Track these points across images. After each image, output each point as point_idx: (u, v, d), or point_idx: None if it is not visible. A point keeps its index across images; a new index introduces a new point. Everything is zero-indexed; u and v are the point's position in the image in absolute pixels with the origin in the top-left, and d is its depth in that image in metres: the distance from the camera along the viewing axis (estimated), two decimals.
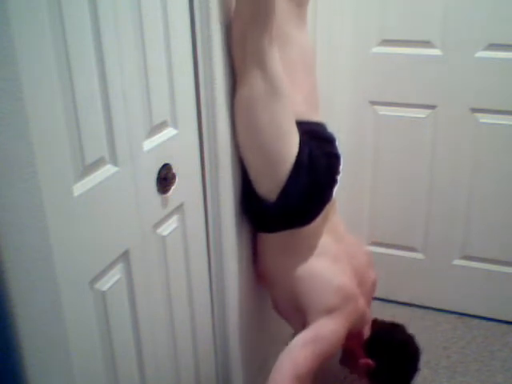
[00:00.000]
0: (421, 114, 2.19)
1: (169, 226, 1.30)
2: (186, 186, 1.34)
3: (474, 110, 2.11)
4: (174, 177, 1.27)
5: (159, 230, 1.27)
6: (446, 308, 2.39)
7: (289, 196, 1.46)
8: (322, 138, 1.57)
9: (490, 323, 2.32)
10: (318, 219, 1.55)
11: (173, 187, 1.28)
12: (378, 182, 2.35)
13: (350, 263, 1.65)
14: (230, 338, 1.63)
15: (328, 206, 1.58)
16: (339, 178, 1.58)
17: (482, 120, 2.11)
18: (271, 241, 1.60)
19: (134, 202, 1.15)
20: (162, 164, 1.23)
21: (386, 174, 2.32)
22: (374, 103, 2.25)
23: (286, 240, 1.57)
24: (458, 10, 2.00)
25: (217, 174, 1.44)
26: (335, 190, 1.58)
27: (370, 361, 1.69)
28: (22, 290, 0.86)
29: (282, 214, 1.50)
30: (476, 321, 2.34)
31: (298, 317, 1.59)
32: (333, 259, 1.60)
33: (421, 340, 1.78)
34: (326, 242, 1.60)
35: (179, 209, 1.34)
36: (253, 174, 1.50)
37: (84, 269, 1.02)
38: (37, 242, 0.88)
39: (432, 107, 2.16)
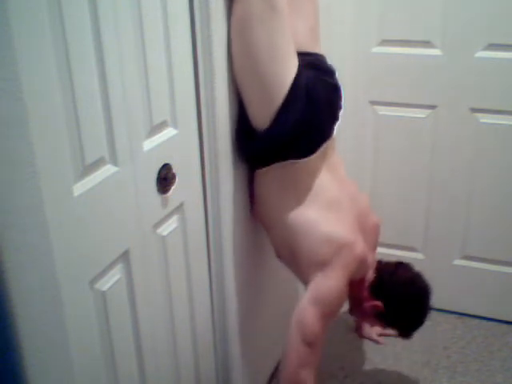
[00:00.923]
0: (421, 114, 2.19)
1: (169, 226, 1.30)
2: (185, 186, 1.34)
3: (474, 110, 2.11)
4: (173, 177, 1.27)
5: (159, 230, 1.27)
6: (446, 308, 2.39)
7: (282, 123, 1.40)
8: (321, 69, 1.52)
9: (490, 323, 2.32)
10: (316, 156, 1.48)
11: (173, 187, 1.28)
12: (377, 182, 2.35)
13: (352, 206, 1.59)
14: (229, 338, 1.63)
15: (327, 144, 1.51)
16: (340, 113, 1.52)
17: (482, 120, 2.11)
18: (267, 178, 1.54)
19: (134, 202, 1.15)
20: (162, 164, 1.23)
21: (385, 173, 2.32)
22: (373, 103, 2.25)
23: (282, 176, 1.50)
24: (457, 10, 2.00)
25: (217, 174, 1.44)
26: (336, 126, 1.52)
27: (377, 302, 1.64)
28: (22, 290, 0.86)
29: (276, 142, 1.43)
30: (476, 321, 2.34)
31: (296, 264, 1.57)
32: (328, 204, 1.52)
33: (421, 340, 1.78)
34: (324, 182, 1.53)
35: (179, 209, 1.34)
36: (247, 101, 1.44)
37: (84, 269, 1.02)
38: (37, 242, 0.88)
39: (432, 107, 2.16)
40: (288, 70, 1.39)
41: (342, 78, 2.22)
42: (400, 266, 1.73)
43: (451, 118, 2.14)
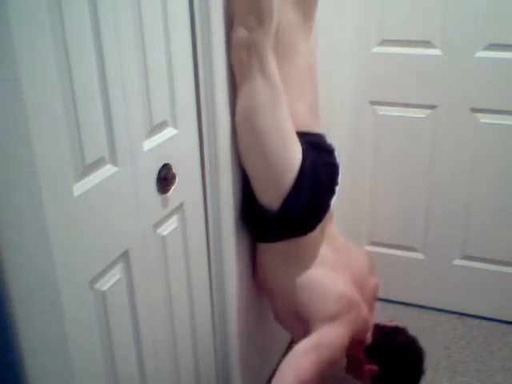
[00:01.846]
0: (421, 114, 2.19)
1: (169, 226, 1.30)
2: (185, 186, 1.34)
3: (474, 110, 2.10)
4: (174, 177, 1.27)
5: (159, 230, 1.27)
6: (446, 308, 2.39)
7: (292, 205, 1.46)
8: (323, 149, 1.58)
9: (490, 323, 2.32)
10: (317, 229, 1.55)
11: (173, 187, 1.28)
12: (377, 182, 2.35)
13: (349, 271, 1.65)
14: (229, 338, 1.63)
15: (326, 217, 1.58)
16: (337, 188, 1.59)
17: (482, 120, 2.11)
18: (271, 250, 1.61)
19: (134, 202, 1.15)
20: (162, 164, 1.23)
21: (385, 173, 2.32)
22: (374, 103, 2.25)
23: (286, 249, 1.57)
24: (458, 10, 2.00)
25: (217, 174, 1.44)
26: (333, 200, 1.58)
27: (373, 366, 1.69)
28: (22, 290, 0.86)
29: (284, 223, 1.50)
30: (476, 321, 2.34)
31: (300, 326, 1.59)
32: (332, 268, 1.60)
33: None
34: (324, 250, 1.61)
35: (179, 209, 1.33)
36: (256, 184, 1.50)
37: (84, 269, 1.02)
38: (37, 242, 0.88)
39: (432, 107, 2.16)
40: (295, 154, 1.45)
41: (342, 77, 2.23)
42: (398, 331, 1.77)
43: (451, 118, 2.14)
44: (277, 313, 1.71)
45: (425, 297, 2.42)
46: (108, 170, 1.07)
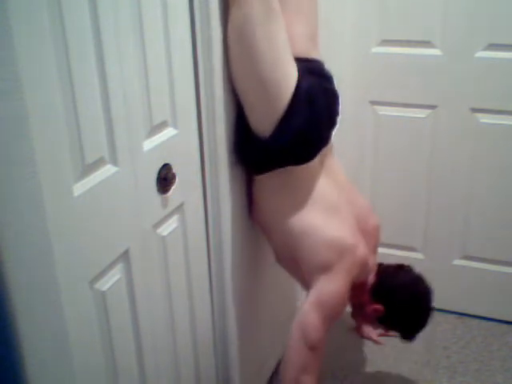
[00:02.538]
0: (421, 113, 2.19)
1: (169, 226, 1.30)
2: (185, 186, 1.34)
3: (474, 110, 2.11)
4: (174, 177, 1.27)
5: (159, 230, 1.27)
6: (446, 308, 2.39)
7: (285, 131, 1.39)
8: (320, 75, 1.51)
9: (490, 323, 2.32)
10: (315, 161, 1.49)
11: (173, 187, 1.28)
12: (377, 182, 2.35)
13: (350, 208, 1.59)
14: (229, 337, 1.64)
15: (325, 149, 1.52)
16: (338, 119, 1.53)
17: (482, 120, 2.11)
18: (266, 183, 1.53)
19: (134, 202, 1.15)
20: (162, 164, 1.23)
21: (385, 173, 2.32)
22: (374, 103, 2.25)
23: (281, 181, 1.50)
24: (458, 10, 2.00)
25: (217, 174, 1.44)
26: (333, 132, 1.52)
27: (378, 306, 1.64)
28: (22, 290, 0.86)
29: (277, 150, 1.42)
30: (476, 321, 2.34)
31: (297, 270, 1.56)
32: (328, 208, 1.53)
33: (421, 340, 1.78)
34: (323, 187, 1.53)
35: (179, 209, 1.34)
36: (248, 109, 1.43)
37: (84, 269, 1.02)
38: (37, 242, 0.88)
39: (432, 107, 2.16)
40: (289, 75, 1.39)
41: (342, 77, 2.23)
42: (401, 268, 1.72)
43: (451, 118, 2.14)
44: (276, 254, 1.66)
45: None
46: (108, 170, 1.07)
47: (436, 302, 2.41)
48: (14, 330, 0.86)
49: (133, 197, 1.15)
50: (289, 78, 1.38)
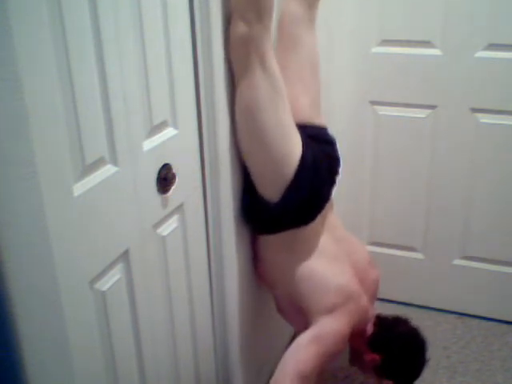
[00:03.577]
0: (421, 113, 2.19)
1: (169, 226, 1.30)
2: (185, 186, 1.34)
3: (474, 110, 2.10)
4: (174, 177, 1.27)
5: (159, 230, 1.27)
6: (446, 308, 2.39)
7: (292, 197, 1.47)
8: (323, 141, 1.58)
9: (490, 323, 2.32)
10: (317, 219, 1.56)
11: (173, 187, 1.28)
12: (377, 182, 2.35)
13: (350, 261, 1.65)
14: (229, 338, 1.63)
15: (326, 206, 1.59)
16: (338, 179, 1.59)
17: (482, 120, 2.11)
18: (271, 242, 1.61)
19: (134, 202, 1.15)
20: (162, 164, 1.23)
21: (385, 174, 2.32)
22: (374, 103, 2.25)
23: (286, 240, 1.57)
24: (458, 10, 2.00)
25: (217, 174, 1.44)
26: (334, 190, 1.59)
27: (375, 356, 1.67)
28: (22, 290, 0.86)
29: (285, 215, 1.50)
30: (476, 321, 2.34)
31: (301, 319, 1.59)
32: (332, 259, 1.60)
33: None
34: (324, 241, 1.60)
35: (179, 209, 1.33)
36: (256, 177, 1.50)
37: (84, 269, 1.02)
38: (37, 242, 0.88)
39: (432, 107, 2.16)
40: (295, 148, 1.45)
41: (342, 77, 2.23)
42: (398, 320, 1.76)
43: (451, 118, 2.14)
44: (279, 305, 1.72)
45: (425, 297, 2.42)
46: (108, 170, 1.07)
47: (436, 302, 2.42)
48: (14, 331, 0.86)
49: (133, 197, 1.15)
50: (294, 149, 1.45)
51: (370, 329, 1.70)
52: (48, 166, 0.90)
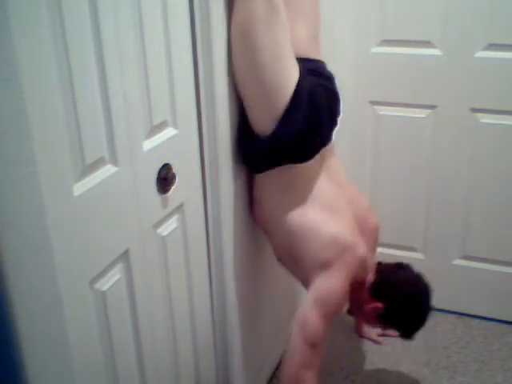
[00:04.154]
0: (421, 113, 2.19)
1: (169, 226, 1.30)
2: (185, 186, 1.34)
3: (474, 110, 2.11)
4: (174, 177, 1.27)
5: (159, 230, 1.27)
6: (446, 308, 2.39)
7: (286, 129, 1.40)
8: (322, 75, 1.52)
9: (490, 323, 2.32)
10: (315, 161, 1.50)
11: (173, 187, 1.28)
12: (377, 182, 2.35)
13: (351, 207, 1.60)
14: (229, 338, 1.63)
15: (326, 149, 1.53)
16: (339, 119, 1.53)
17: (482, 120, 2.11)
18: (267, 182, 1.55)
19: (134, 202, 1.15)
20: (161, 164, 1.23)
21: (385, 173, 2.32)
22: (373, 103, 2.25)
23: (282, 180, 1.51)
24: (458, 10, 2.00)
25: (217, 174, 1.44)
26: (334, 132, 1.53)
27: (378, 304, 1.64)
28: (22, 290, 0.86)
29: (278, 149, 1.43)
30: (476, 321, 2.34)
31: (298, 268, 1.57)
32: (328, 206, 1.53)
33: (421, 340, 1.78)
34: (323, 186, 1.54)
35: (179, 209, 1.34)
36: (249, 107, 1.44)
37: (84, 269, 1.02)
38: (37, 242, 0.88)
39: (432, 107, 2.16)
40: (291, 74, 1.39)
41: (342, 77, 2.22)
42: (400, 267, 1.72)
43: (451, 118, 2.14)
44: (277, 253, 1.67)
45: None
46: (108, 170, 1.07)
47: (436, 302, 2.41)
48: (14, 331, 0.86)
49: (133, 197, 1.15)
50: (290, 77, 1.39)
51: (370, 277, 1.66)
52: (48, 166, 0.90)
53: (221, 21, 1.34)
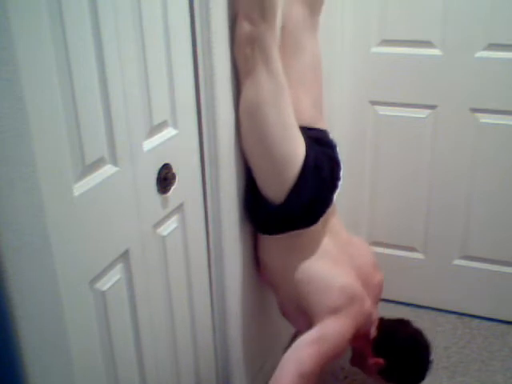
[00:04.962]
0: (421, 114, 2.19)
1: (169, 226, 1.30)
2: (185, 185, 1.34)
3: (474, 110, 2.10)
4: (174, 177, 1.27)
5: (159, 230, 1.27)
6: (446, 308, 2.39)
7: (296, 198, 1.47)
8: (325, 144, 1.59)
9: (490, 323, 2.32)
10: (320, 222, 1.56)
11: (173, 187, 1.28)
12: (377, 182, 2.35)
13: (353, 264, 1.65)
14: (229, 338, 1.63)
15: (329, 210, 1.59)
16: (340, 183, 1.60)
17: (482, 120, 2.11)
18: (274, 243, 1.61)
19: (134, 202, 1.15)
20: (162, 164, 1.23)
21: (385, 173, 2.32)
22: (373, 103, 2.25)
23: (288, 242, 1.57)
24: (458, 10, 2.00)
25: (217, 174, 1.44)
26: (335, 194, 1.59)
27: (379, 359, 1.68)
28: (22, 290, 0.86)
29: (289, 216, 1.51)
30: (476, 321, 2.34)
31: (304, 320, 1.59)
32: (334, 261, 1.60)
33: None
34: (327, 244, 1.61)
35: (179, 209, 1.33)
36: (259, 178, 1.51)
37: (84, 269, 1.02)
38: (37, 242, 0.88)
39: (432, 107, 2.16)
40: (298, 149, 1.46)
41: (342, 77, 2.23)
42: (401, 323, 1.76)
43: (451, 118, 2.14)
44: (282, 306, 1.71)
45: (425, 297, 2.42)
46: (108, 169, 1.07)
47: (436, 302, 2.42)
48: (14, 330, 0.86)
49: (133, 197, 1.15)
50: (297, 148, 1.46)
51: (373, 332, 1.71)
52: (48, 165, 0.90)
53: (221, 21, 1.34)
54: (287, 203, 1.48)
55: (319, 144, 1.55)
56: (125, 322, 1.18)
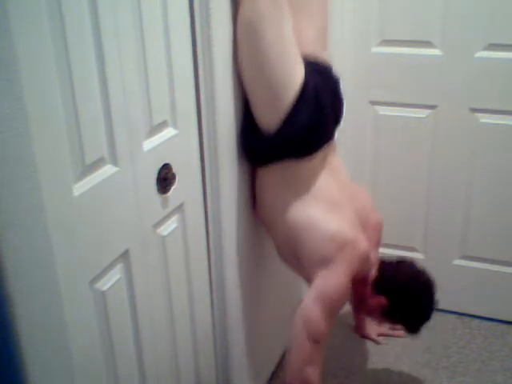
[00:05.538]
0: (421, 114, 2.19)
1: (169, 226, 1.30)
2: (185, 185, 1.34)
3: (474, 110, 2.11)
4: (174, 177, 1.27)
5: (159, 230, 1.27)
6: (446, 308, 2.39)
7: (291, 126, 1.42)
8: (327, 76, 1.53)
9: (490, 323, 2.32)
10: (316, 158, 1.51)
11: (173, 187, 1.28)
12: (377, 182, 2.35)
13: (352, 204, 1.61)
14: (230, 338, 1.63)
15: (328, 146, 1.54)
16: (342, 119, 1.55)
17: (481, 120, 2.11)
18: (269, 178, 1.56)
19: (134, 202, 1.15)
20: (162, 164, 1.23)
21: (385, 173, 2.32)
22: (373, 103, 2.25)
23: (284, 176, 1.53)
24: (458, 10, 2.00)
25: (217, 174, 1.44)
26: (337, 130, 1.55)
27: (381, 298, 1.65)
28: (22, 290, 0.86)
29: (283, 144, 1.45)
30: (476, 321, 2.34)
31: (299, 264, 1.57)
32: (330, 203, 1.55)
33: (421, 340, 1.78)
34: (324, 182, 1.56)
35: (179, 209, 1.34)
36: (255, 103, 1.46)
37: (84, 269, 1.02)
38: (37, 242, 0.88)
39: (432, 107, 2.16)
40: (296, 72, 1.41)
41: (342, 77, 2.22)
42: (402, 262, 1.74)
43: (451, 118, 2.14)
44: (278, 249, 1.67)
45: None
46: (108, 169, 1.07)
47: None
48: (14, 331, 0.86)
49: (133, 197, 1.15)
50: (296, 73, 1.40)
51: (373, 273, 1.67)
52: (48, 165, 0.90)
53: (221, 20, 1.34)
54: (282, 129, 1.42)
55: (321, 75, 1.49)
56: (125, 322, 1.18)
